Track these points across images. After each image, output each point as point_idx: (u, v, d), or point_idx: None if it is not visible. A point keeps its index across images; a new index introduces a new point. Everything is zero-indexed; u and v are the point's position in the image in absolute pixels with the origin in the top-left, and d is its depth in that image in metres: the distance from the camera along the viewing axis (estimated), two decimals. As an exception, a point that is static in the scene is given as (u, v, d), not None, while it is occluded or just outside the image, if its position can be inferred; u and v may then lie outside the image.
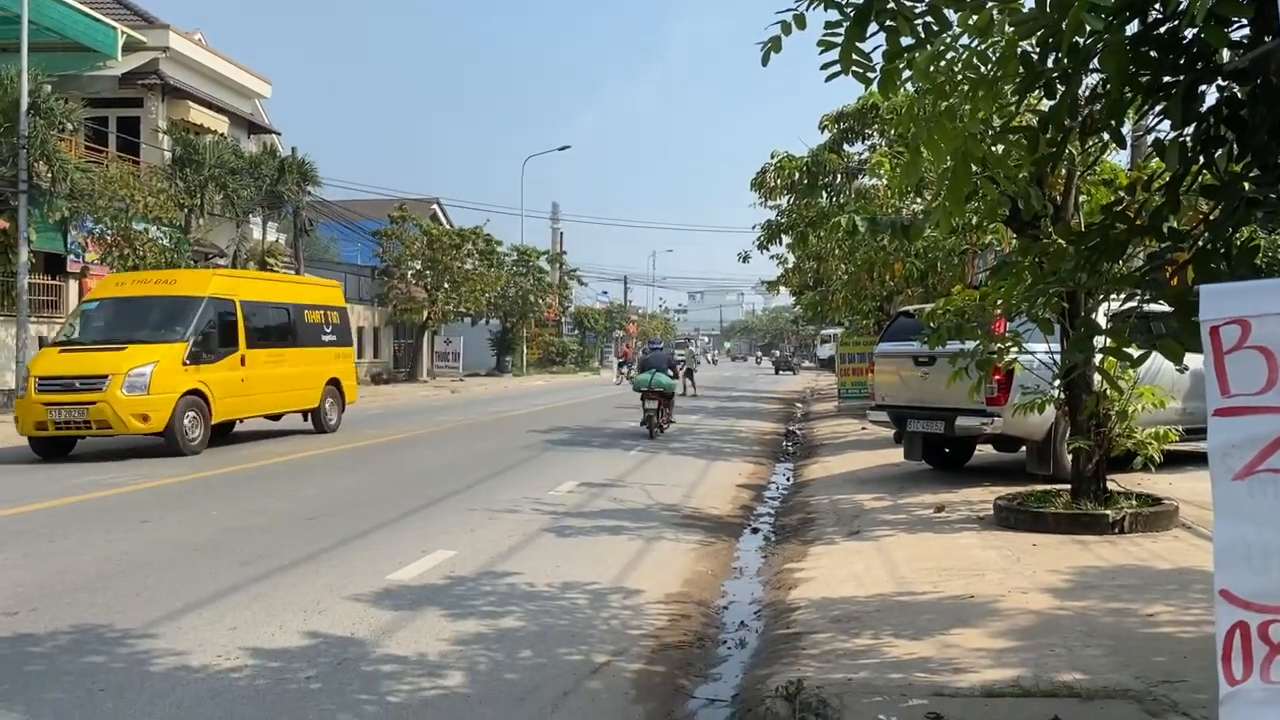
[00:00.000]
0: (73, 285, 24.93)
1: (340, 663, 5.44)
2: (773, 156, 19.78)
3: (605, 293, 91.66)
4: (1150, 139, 4.30)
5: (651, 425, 19.01)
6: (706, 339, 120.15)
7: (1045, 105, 3.93)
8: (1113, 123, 3.71)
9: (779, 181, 19.75)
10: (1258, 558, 2.40)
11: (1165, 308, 3.79)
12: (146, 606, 6.51)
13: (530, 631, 6.09)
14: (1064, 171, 8.52)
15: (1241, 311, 2.45)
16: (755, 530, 10.28)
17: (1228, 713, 2.40)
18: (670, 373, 20.20)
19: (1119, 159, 11.74)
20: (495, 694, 5.00)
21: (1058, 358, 9.05)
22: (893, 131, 14.97)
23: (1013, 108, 4.47)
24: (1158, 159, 8.30)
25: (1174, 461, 10.64)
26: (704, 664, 5.78)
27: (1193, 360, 3.55)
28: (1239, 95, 3.44)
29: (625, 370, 48.29)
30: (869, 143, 20.21)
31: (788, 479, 14.33)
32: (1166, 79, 3.53)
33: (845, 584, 7.10)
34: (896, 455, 13.31)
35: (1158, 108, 3.63)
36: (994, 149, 4.39)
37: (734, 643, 6.24)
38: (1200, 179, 3.62)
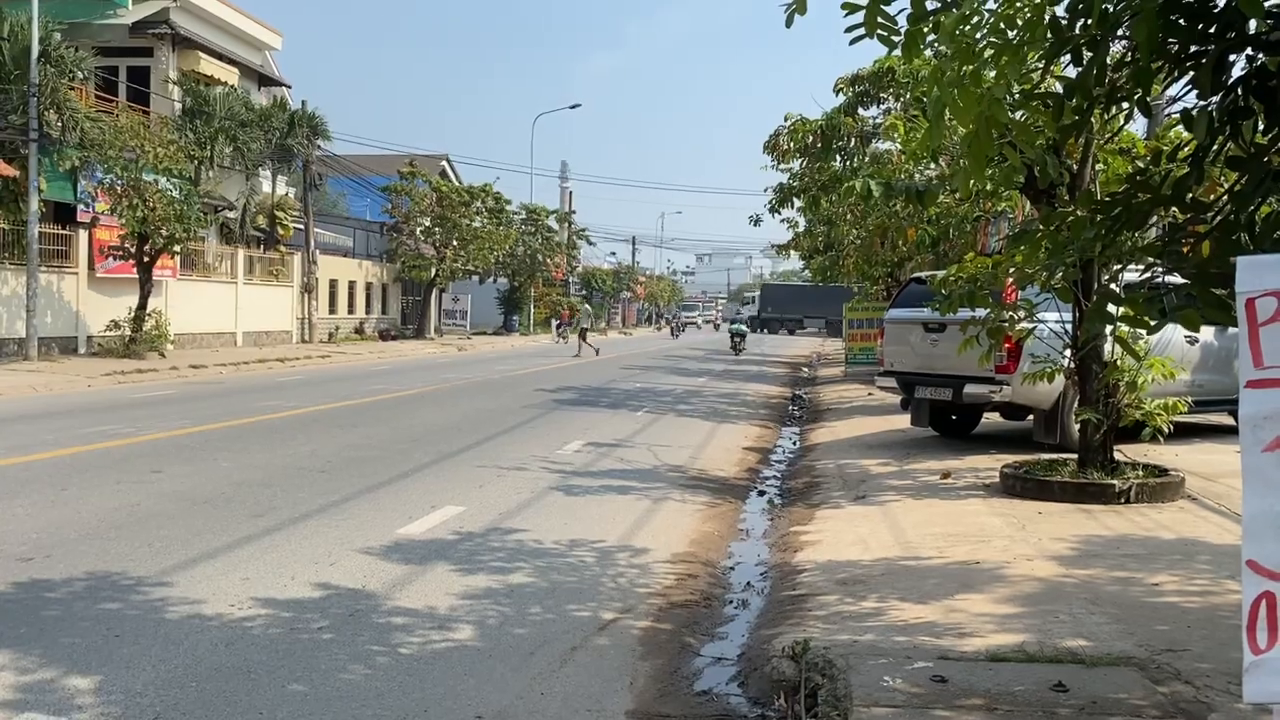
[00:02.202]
0: (82, 235, 24.91)
1: (352, 614, 5.50)
2: (787, 119, 19.60)
3: (613, 253, 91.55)
4: (1173, 108, 4.27)
5: (736, 349, 38.03)
6: (710, 303, 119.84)
7: (1070, 72, 3.89)
8: (1138, 91, 3.67)
9: (792, 144, 19.59)
10: None
11: (1179, 280, 3.78)
12: (160, 555, 6.59)
13: (539, 587, 6.15)
14: (1082, 139, 8.44)
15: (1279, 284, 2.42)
16: (761, 493, 10.33)
17: (1251, 681, 2.41)
18: (745, 326, 43.03)
19: (1135, 128, 11.64)
20: (505, 648, 5.06)
21: (1068, 327, 9.04)
22: (909, 95, 14.83)
23: (1036, 74, 4.43)
24: (1177, 128, 8.22)
25: (1182, 433, 10.66)
26: (710, 623, 5.84)
27: (1203, 332, 3.55)
28: (1268, 66, 3.40)
29: (563, 331, 47.59)
30: (884, 107, 20.01)
31: (794, 443, 14.37)
32: (1194, 48, 3.49)
33: (851, 547, 7.15)
34: (903, 421, 13.33)
35: (1185, 77, 3.60)
36: (1016, 115, 4.35)
37: (740, 603, 6.29)
38: (1226, 150, 3.59)
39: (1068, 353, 9.03)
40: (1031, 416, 11.61)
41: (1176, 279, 3.87)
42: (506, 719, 4.24)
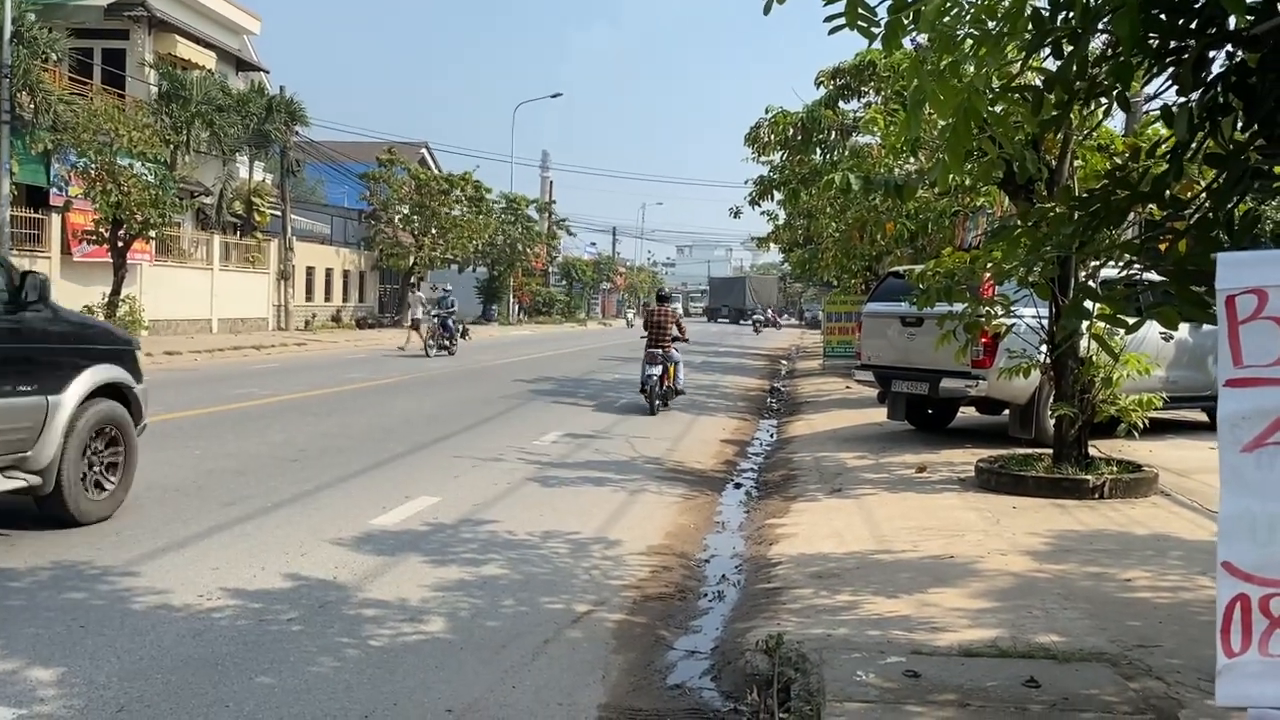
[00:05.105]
0: (55, 219, 24.60)
1: (322, 605, 5.44)
2: (768, 111, 19.63)
3: (594, 244, 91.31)
4: (1153, 105, 4.26)
5: (757, 330, 54.23)
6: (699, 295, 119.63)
7: (1050, 65, 3.87)
8: (1118, 86, 3.66)
9: (773, 137, 19.62)
10: (1262, 530, 2.37)
11: (1156, 277, 3.77)
12: (127, 544, 6.49)
13: (512, 579, 6.11)
14: (1060, 135, 8.45)
15: (1259, 281, 2.40)
16: (738, 485, 10.32)
17: (1224, 684, 2.39)
18: (763, 316, 61.75)
19: (1113, 124, 11.67)
20: (477, 640, 5.02)
21: (1045, 323, 9.07)
22: (890, 89, 14.83)
23: (1015, 67, 4.41)
24: (1156, 125, 8.24)
25: (1156, 429, 10.73)
26: (684, 616, 5.81)
27: (1179, 329, 3.55)
28: (1248, 63, 3.39)
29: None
30: (865, 100, 20.02)
31: (771, 435, 14.37)
32: (1175, 43, 3.47)
33: (826, 541, 7.14)
34: (880, 414, 13.36)
35: (1165, 73, 3.59)
36: (995, 108, 4.33)
37: (714, 596, 6.27)
38: (1205, 147, 3.58)
39: (1044, 348, 9.06)
40: (1007, 411, 11.66)
41: (1154, 276, 3.87)
42: (477, 712, 4.20)
